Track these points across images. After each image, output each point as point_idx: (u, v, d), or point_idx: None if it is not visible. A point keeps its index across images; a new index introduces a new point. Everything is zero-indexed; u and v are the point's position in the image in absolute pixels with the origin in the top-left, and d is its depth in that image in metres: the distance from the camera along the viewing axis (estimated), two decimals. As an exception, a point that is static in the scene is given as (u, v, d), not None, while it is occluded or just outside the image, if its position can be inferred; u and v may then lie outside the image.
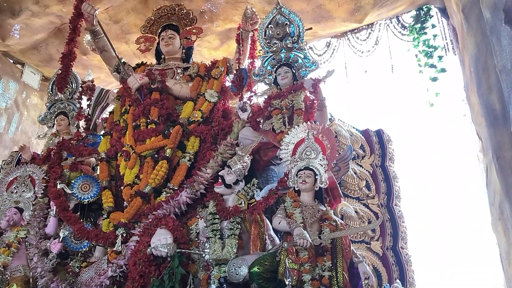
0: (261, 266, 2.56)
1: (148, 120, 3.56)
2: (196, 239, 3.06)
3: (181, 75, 4.01)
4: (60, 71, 3.70)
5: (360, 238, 3.74)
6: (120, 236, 3.14)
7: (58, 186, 3.69)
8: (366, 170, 4.11)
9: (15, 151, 4.80)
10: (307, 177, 2.88)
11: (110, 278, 3.00)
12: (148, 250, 2.75)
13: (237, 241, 2.91)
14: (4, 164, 4.76)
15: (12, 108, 6.47)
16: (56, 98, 4.63)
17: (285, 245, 2.55)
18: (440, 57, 5.30)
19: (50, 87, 4.68)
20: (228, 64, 4.10)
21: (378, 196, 4.06)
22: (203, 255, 2.95)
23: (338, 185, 3.19)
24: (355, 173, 3.96)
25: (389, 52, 5.52)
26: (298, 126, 3.14)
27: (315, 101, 3.38)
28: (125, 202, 3.38)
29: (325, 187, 2.91)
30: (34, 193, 3.86)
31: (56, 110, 4.60)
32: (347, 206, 3.70)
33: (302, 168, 2.92)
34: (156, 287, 2.67)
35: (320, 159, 2.94)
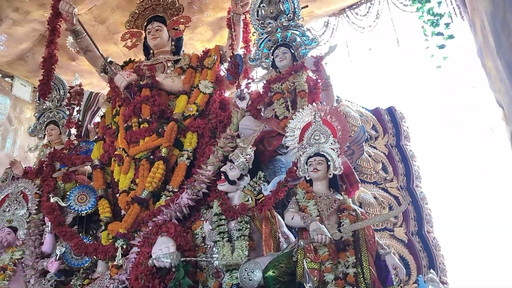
0: (276, 269, 2.28)
1: (140, 120, 3.27)
2: (203, 244, 2.78)
3: (172, 69, 3.72)
4: (42, 76, 3.40)
5: (382, 225, 3.44)
6: (119, 248, 2.86)
7: (52, 200, 3.43)
8: (381, 152, 3.81)
9: (9, 168, 4.55)
10: (319, 164, 2.58)
11: (112, 296, 2.73)
12: (150, 261, 2.47)
13: (247, 243, 2.62)
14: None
15: (5, 124, 6.23)
16: (44, 107, 4.37)
17: (301, 243, 2.25)
18: (447, 24, 4.95)
19: (37, 97, 4.40)
20: (221, 52, 3.80)
21: (396, 178, 3.77)
22: (212, 261, 2.66)
23: (353, 170, 2.89)
24: (370, 156, 3.66)
25: (392, 25, 5.19)
26: (303, 109, 2.83)
27: (319, 81, 3.06)
28: (122, 211, 3.10)
29: (340, 173, 2.61)
30: (27, 209, 3.63)
31: (45, 119, 4.34)
32: (365, 193, 3.40)
33: (312, 154, 2.63)
34: (162, 302, 2.40)
35: (331, 143, 2.64)
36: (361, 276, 2.31)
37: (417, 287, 2.52)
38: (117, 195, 3.14)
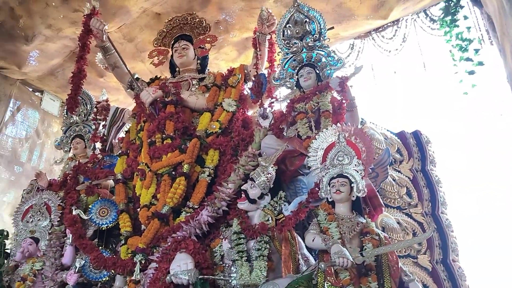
0: (295, 291, 2.21)
1: (164, 135, 3.29)
2: (221, 262, 2.74)
3: (196, 86, 3.75)
4: (70, 91, 3.49)
5: (405, 252, 3.34)
6: (138, 263, 2.85)
7: (74, 212, 3.46)
8: (406, 176, 3.73)
9: (34, 179, 4.64)
10: (342, 185, 2.54)
11: (129, 311, 2.71)
12: (168, 278, 2.45)
13: (266, 263, 2.58)
14: (24, 193, 4.60)
15: (33, 137, 6.39)
16: (71, 121, 4.47)
17: (322, 265, 2.19)
18: (477, 50, 4.89)
19: (65, 111, 4.51)
20: (245, 71, 3.82)
21: (421, 204, 3.68)
22: (230, 280, 2.62)
23: (377, 193, 2.82)
24: (394, 180, 3.58)
25: (419, 49, 5.14)
26: (326, 129, 2.80)
27: (344, 101, 3.04)
28: (142, 226, 3.10)
29: (363, 196, 2.55)
30: (50, 221, 3.66)
31: (71, 133, 4.42)
32: (388, 217, 3.31)
33: (335, 176, 2.58)
34: (178, 320, 2.36)
35: (355, 165, 2.60)
36: (384, 302, 2.23)
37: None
38: (138, 209, 3.15)
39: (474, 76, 4.87)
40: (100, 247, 3.46)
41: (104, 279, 3.44)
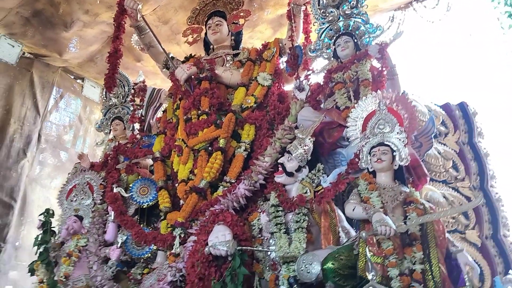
0: (336, 261, 2.14)
1: (199, 112, 3.28)
2: (259, 235, 2.71)
3: (231, 62, 3.71)
4: (108, 70, 3.53)
5: (452, 227, 3.18)
6: (177, 237, 2.86)
7: (115, 190, 3.53)
8: (452, 149, 3.54)
9: (78, 163, 4.77)
10: (383, 154, 2.42)
11: (170, 284, 2.73)
12: (206, 249, 2.43)
13: (305, 235, 2.52)
14: (69, 176, 4.75)
15: (76, 123, 6.58)
16: (110, 103, 4.55)
17: (364, 234, 2.10)
18: (527, 16, 4.56)
19: (104, 94, 4.60)
20: (280, 45, 3.73)
21: (469, 177, 3.48)
22: (268, 253, 2.59)
23: (421, 163, 2.69)
24: (439, 153, 3.41)
25: (464, 18, 4.85)
26: (366, 97, 2.68)
27: (384, 68, 2.90)
28: (181, 201, 3.11)
29: (406, 164, 2.43)
30: (92, 199, 3.75)
31: (111, 115, 4.51)
32: (433, 191, 3.16)
33: (376, 144, 2.47)
34: (218, 290, 2.35)
35: (397, 132, 2.47)
36: (430, 273, 2.12)
37: (494, 289, 2.28)
38: (176, 185, 3.16)
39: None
40: (141, 225, 3.52)
41: (146, 255, 3.51)
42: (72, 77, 6.65)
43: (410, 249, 2.18)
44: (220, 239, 2.43)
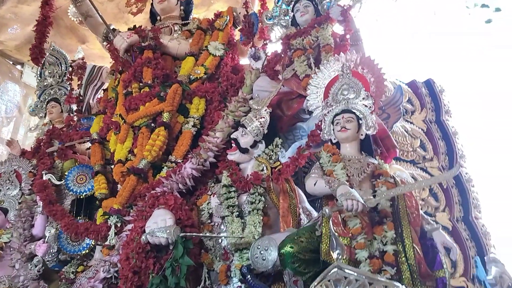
0: (295, 244, 1.80)
1: (141, 84, 2.87)
2: (209, 221, 2.34)
3: (179, 32, 3.32)
4: (34, 39, 3.06)
5: (421, 209, 2.93)
6: (113, 226, 2.45)
7: (44, 177, 3.07)
8: (419, 128, 3.33)
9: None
10: (348, 122, 2.13)
11: (103, 281, 2.31)
12: (143, 237, 2.03)
13: (261, 218, 2.19)
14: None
15: (16, 114, 5.97)
16: (45, 84, 4.03)
17: (327, 211, 1.76)
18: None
19: (38, 72, 4.08)
20: (235, 14, 3.37)
21: (437, 157, 3.29)
22: (219, 240, 2.22)
23: (390, 134, 2.40)
24: (406, 131, 3.18)
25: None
26: (327, 62, 2.36)
27: (347, 31, 2.59)
28: (119, 186, 2.70)
29: (374, 133, 2.13)
30: (20, 189, 3.28)
31: (46, 97, 4.00)
32: (402, 171, 2.89)
33: (339, 112, 2.16)
34: (156, 285, 1.95)
35: (363, 98, 2.17)
36: (403, 255, 1.83)
37: (476, 270, 2.01)
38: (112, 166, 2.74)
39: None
40: (78, 218, 3.08)
41: (83, 251, 3.08)
42: (11, 62, 6.03)
43: (381, 227, 1.88)
44: (160, 224, 2.04)
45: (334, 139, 2.17)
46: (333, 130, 2.16)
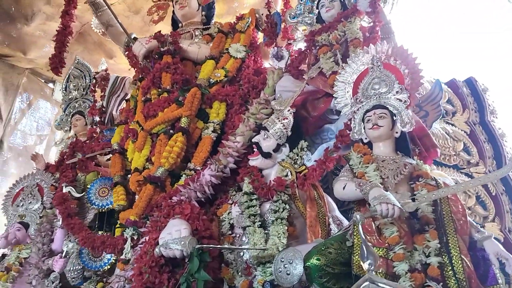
0: (322, 256, 1.58)
1: (160, 90, 2.74)
2: (230, 232, 2.15)
3: (200, 37, 3.19)
4: (54, 49, 3.01)
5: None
6: (129, 239, 2.29)
7: (64, 190, 2.97)
8: (462, 130, 3.03)
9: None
10: (380, 118, 1.90)
11: (118, 298, 2.15)
12: (156, 250, 1.87)
13: (286, 228, 1.97)
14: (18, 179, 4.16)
15: (45, 128, 6.03)
16: (70, 97, 3.99)
17: (358, 217, 1.53)
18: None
19: (64, 86, 4.06)
20: (257, 15, 3.22)
21: (483, 162, 2.98)
22: (241, 253, 2.02)
23: (429, 132, 2.15)
24: (447, 134, 2.90)
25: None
26: (355, 55, 2.15)
27: (377, 23, 2.38)
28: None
29: (410, 129, 1.89)
30: (41, 203, 3.19)
31: (71, 110, 3.95)
32: (444, 177, 2.61)
33: (370, 108, 1.94)
34: (171, 303, 1.77)
35: (397, 92, 1.94)
36: (450, 268, 1.57)
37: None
38: (128, 176, 2.60)
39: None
40: (99, 232, 2.96)
41: (105, 267, 2.93)
42: (43, 80, 6.13)
43: (422, 236, 1.63)
44: (174, 235, 1.86)
45: (366, 138, 1.94)
46: (364, 128, 1.94)
